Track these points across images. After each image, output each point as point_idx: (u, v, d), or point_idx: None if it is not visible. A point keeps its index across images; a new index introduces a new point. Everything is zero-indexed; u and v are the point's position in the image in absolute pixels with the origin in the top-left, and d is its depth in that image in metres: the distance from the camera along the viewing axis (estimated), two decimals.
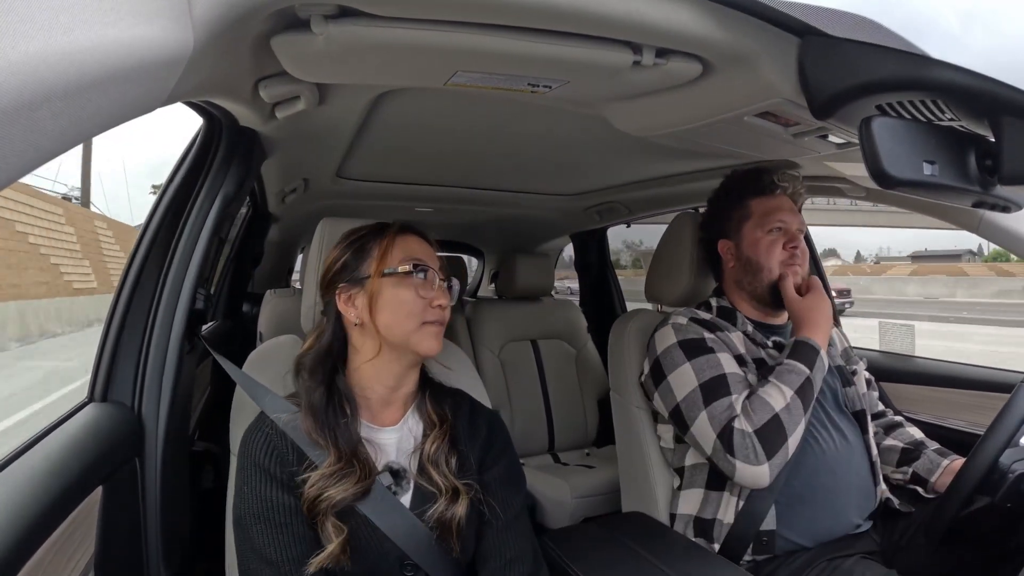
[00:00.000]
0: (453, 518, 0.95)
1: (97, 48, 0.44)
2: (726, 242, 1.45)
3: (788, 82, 0.86)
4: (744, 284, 1.42)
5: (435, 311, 0.99)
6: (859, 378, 1.47)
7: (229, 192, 1.19)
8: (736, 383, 1.27)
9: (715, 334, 1.36)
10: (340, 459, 0.92)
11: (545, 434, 2.64)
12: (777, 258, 1.37)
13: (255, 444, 0.95)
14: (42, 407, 6.30)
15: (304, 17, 0.77)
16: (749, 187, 1.42)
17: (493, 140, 1.63)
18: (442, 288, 1.01)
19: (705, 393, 1.27)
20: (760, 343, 1.38)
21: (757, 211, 1.40)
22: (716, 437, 1.22)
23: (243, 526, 0.91)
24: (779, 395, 1.21)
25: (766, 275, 1.38)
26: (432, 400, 1.06)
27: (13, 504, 0.71)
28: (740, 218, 1.42)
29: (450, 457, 1.00)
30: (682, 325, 1.38)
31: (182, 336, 1.12)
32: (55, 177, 15.77)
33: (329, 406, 0.96)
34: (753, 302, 1.44)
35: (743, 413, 1.22)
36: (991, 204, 0.84)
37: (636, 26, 0.78)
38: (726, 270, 1.47)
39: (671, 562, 1.18)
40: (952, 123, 0.82)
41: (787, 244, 1.38)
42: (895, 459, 1.46)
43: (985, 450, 1.06)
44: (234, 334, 2.63)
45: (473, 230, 3.48)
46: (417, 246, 1.02)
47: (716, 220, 1.48)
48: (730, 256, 1.44)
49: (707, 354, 1.31)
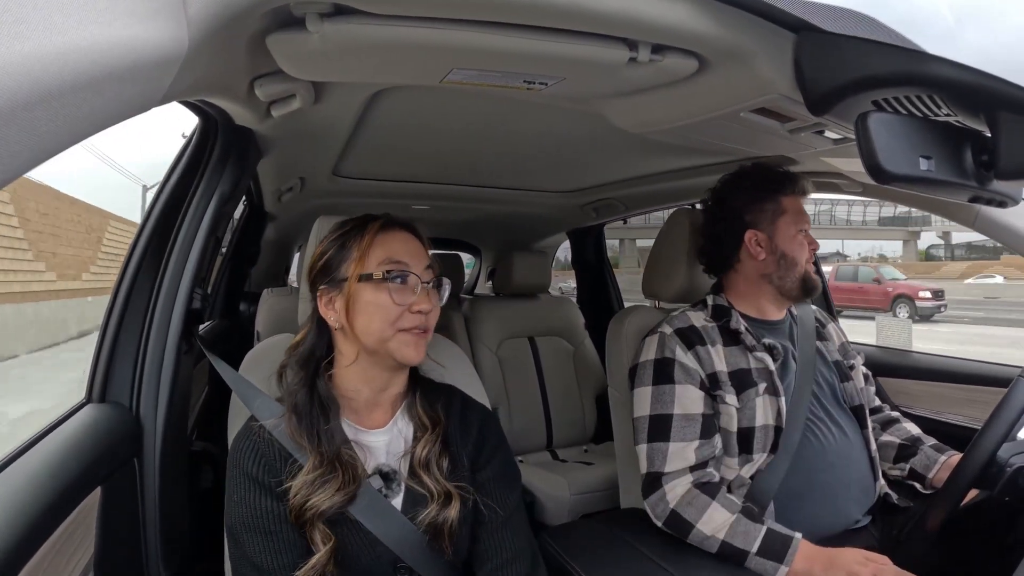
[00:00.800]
0: (445, 522, 0.94)
1: (92, 48, 0.44)
2: (757, 233, 1.42)
3: (784, 78, 0.86)
4: (773, 278, 1.41)
5: (414, 317, 0.94)
6: (856, 372, 1.48)
7: (225, 191, 1.19)
8: (680, 429, 1.30)
9: (695, 349, 1.36)
10: (322, 463, 0.90)
11: (543, 431, 2.65)
12: (805, 256, 1.41)
13: (243, 452, 0.94)
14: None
15: (299, 15, 0.77)
16: (785, 185, 1.41)
17: (489, 137, 1.62)
18: (425, 292, 0.96)
19: (650, 427, 1.34)
20: (749, 346, 1.37)
21: (790, 209, 1.41)
22: (644, 472, 1.33)
23: (234, 534, 0.91)
24: (716, 524, 1.21)
25: (798, 270, 1.40)
26: (423, 401, 1.03)
27: (12, 505, 0.71)
28: (775, 212, 1.41)
29: (441, 460, 0.98)
30: (666, 337, 1.39)
31: (179, 336, 1.12)
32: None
33: (312, 409, 0.94)
34: (775, 296, 1.43)
35: (681, 490, 1.25)
36: (987, 199, 0.84)
37: (632, 22, 0.77)
38: (751, 262, 1.43)
39: (670, 558, 1.18)
40: (948, 118, 0.82)
41: (810, 245, 1.42)
42: (892, 455, 1.46)
43: (983, 444, 1.06)
44: (231, 333, 2.63)
45: (470, 227, 3.48)
46: (400, 244, 0.98)
47: (745, 210, 1.44)
48: (760, 248, 1.41)
49: (667, 384, 1.34)
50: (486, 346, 2.64)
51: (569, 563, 1.19)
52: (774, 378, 1.33)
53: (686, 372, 1.34)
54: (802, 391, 1.35)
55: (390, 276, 0.94)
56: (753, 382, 1.33)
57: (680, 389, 1.33)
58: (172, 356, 1.10)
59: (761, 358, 1.35)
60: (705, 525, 1.21)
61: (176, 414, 1.12)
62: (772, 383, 1.33)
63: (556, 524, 2.04)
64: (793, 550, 1.15)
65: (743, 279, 1.46)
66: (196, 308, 1.20)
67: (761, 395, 1.31)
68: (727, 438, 1.31)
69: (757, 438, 1.29)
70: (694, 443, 1.29)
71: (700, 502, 1.23)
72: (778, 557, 1.15)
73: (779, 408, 1.31)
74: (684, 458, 1.28)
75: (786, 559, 1.14)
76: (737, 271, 1.47)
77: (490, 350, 2.64)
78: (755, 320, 1.43)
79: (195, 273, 1.14)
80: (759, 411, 1.30)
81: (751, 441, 1.30)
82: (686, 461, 1.28)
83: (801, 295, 1.42)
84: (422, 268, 0.97)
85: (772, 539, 1.17)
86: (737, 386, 1.33)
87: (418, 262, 0.97)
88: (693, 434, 1.30)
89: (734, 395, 1.32)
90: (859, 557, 1.11)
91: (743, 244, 1.43)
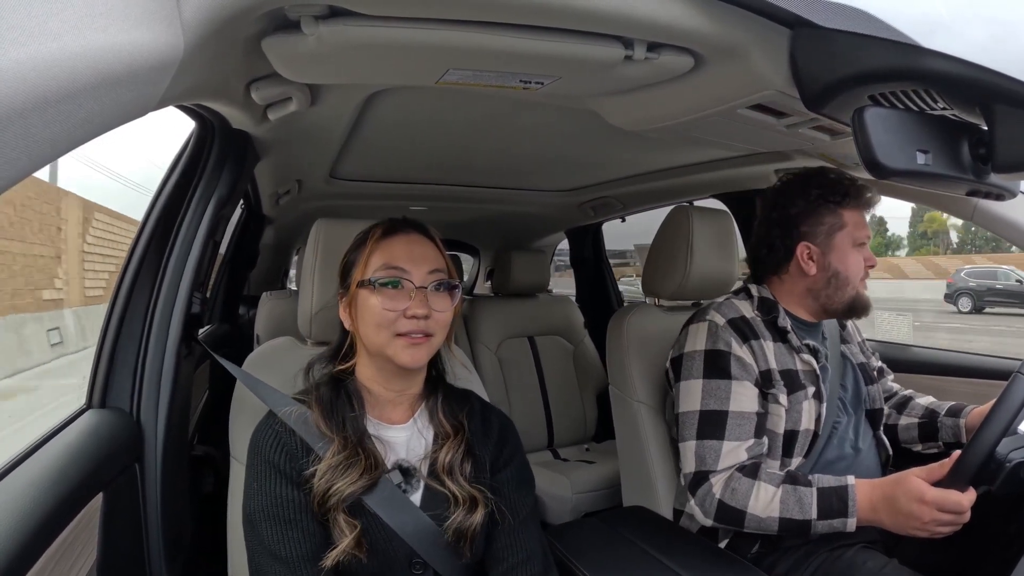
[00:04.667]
0: (471, 526, 0.95)
1: (87, 53, 0.44)
2: (811, 247, 1.33)
3: (780, 74, 0.86)
4: (821, 296, 1.34)
5: (409, 322, 0.94)
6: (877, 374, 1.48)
7: (223, 195, 1.19)
8: (735, 427, 1.25)
9: (750, 343, 1.30)
10: (346, 446, 0.92)
11: (544, 430, 2.65)
12: (860, 275, 1.33)
13: (265, 441, 0.95)
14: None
15: (294, 18, 0.77)
16: (851, 197, 1.32)
17: (486, 137, 1.62)
18: (423, 296, 0.95)
19: (701, 423, 1.27)
20: (796, 347, 1.32)
21: (850, 223, 1.32)
22: (692, 471, 1.26)
23: (253, 523, 0.91)
24: (765, 502, 1.18)
25: (849, 291, 1.32)
26: (446, 408, 1.05)
27: (14, 512, 0.71)
28: (833, 226, 1.32)
29: (464, 464, 1.00)
30: (718, 327, 1.32)
31: (179, 340, 1.12)
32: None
33: (337, 399, 0.98)
34: (817, 310, 1.37)
35: (725, 478, 1.22)
36: (985, 192, 0.84)
37: (626, 20, 0.77)
38: (800, 275, 1.35)
39: (673, 556, 1.18)
40: (945, 112, 0.82)
41: (867, 262, 1.34)
42: (916, 435, 1.46)
43: (983, 439, 1.06)
44: (231, 337, 2.63)
45: (468, 228, 3.48)
46: (401, 248, 0.98)
47: (800, 219, 1.34)
48: (812, 263, 1.33)
49: (723, 379, 1.28)
50: (486, 346, 2.64)
51: (573, 562, 1.19)
52: (820, 382, 1.30)
53: (743, 367, 1.28)
54: (832, 397, 1.34)
55: (383, 282, 0.96)
56: (802, 384, 1.29)
57: (736, 386, 1.27)
58: (172, 361, 1.10)
59: (807, 360, 1.31)
60: (756, 507, 1.17)
61: (177, 419, 1.12)
62: (819, 387, 1.29)
63: (558, 523, 2.04)
64: (852, 500, 1.12)
65: (788, 288, 1.39)
66: (195, 312, 1.20)
67: (809, 399, 1.28)
68: (772, 440, 1.27)
69: (799, 442, 1.27)
70: (748, 442, 1.24)
71: (744, 485, 1.19)
72: (841, 512, 1.13)
73: (820, 413, 1.28)
74: (737, 456, 1.24)
75: (849, 510, 1.12)
76: (783, 280, 1.40)
77: (490, 350, 2.64)
78: (797, 320, 1.38)
79: (194, 277, 1.14)
80: (804, 415, 1.27)
81: (793, 445, 1.27)
82: (739, 459, 1.24)
83: (845, 316, 1.36)
84: (424, 272, 0.97)
85: (827, 496, 1.14)
86: (788, 386, 1.28)
87: (419, 266, 0.97)
88: (748, 433, 1.25)
89: (785, 395, 1.28)
90: (915, 495, 1.07)
91: (795, 256, 1.35)
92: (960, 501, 1.04)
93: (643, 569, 1.17)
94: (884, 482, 1.13)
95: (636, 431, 1.53)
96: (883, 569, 1.14)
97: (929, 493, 1.06)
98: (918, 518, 1.06)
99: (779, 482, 1.18)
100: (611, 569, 1.18)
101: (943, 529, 1.06)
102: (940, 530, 1.06)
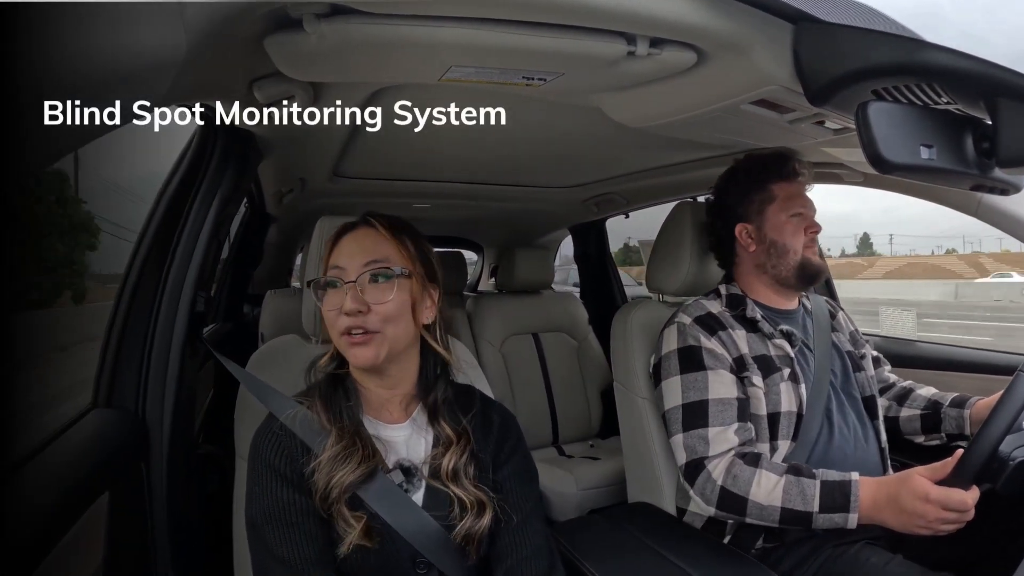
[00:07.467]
0: (480, 530, 0.95)
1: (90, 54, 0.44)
2: (746, 225, 1.42)
3: (783, 69, 0.86)
4: (767, 267, 1.40)
5: (346, 319, 0.93)
6: (867, 362, 1.47)
7: (226, 194, 1.19)
8: (718, 413, 1.27)
9: (718, 335, 1.34)
10: (343, 436, 0.92)
11: (549, 427, 2.65)
12: (801, 241, 1.38)
13: (265, 445, 0.95)
14: None
15: (296, 16, 0.77)
16: (772, 171, 1.40)
17: (489, 134, 1.62)
18: (356, 291, 0.93)
19: (685, 416, 1.30)
20: (767, 333, 1.36)
21: (780, 195, 1.39)
22: (684, 462, 1.27)
23: (256, 527, 0.91)
24: (767, 489, 1.18)
25: (792, 257, 1.37)
26: (447, 411, 1.02)
27: (21, 511, 0.71)
28: (762, 201, 1.40)
29: (468, 467, 0.98)
30: (685, 326, 1.37)
31: (184, 339, 1.12)
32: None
33: (335, 393, 0.98)
34: (775, 286, 1.42)
35: (724, 465, 1.22)
36: (989, 187, 0.84)
37: (629, 16, 0.77)
38: (745, 254, 1.44)
39: (678, 552, 1.18)
40: (949, 106, 0.82)
41: (808, 229, 1.39)
42: (918, 427, 1.46)
43: (986, 437, 1.05)
44: (235, 336, 2.63)
45: (471, 225, 3.47)
46: (345, 247, 0.98)
47: (734, 203, 1.44)
48: (751, 239, 1.41)
49: (697, 371, 1.31)
50: (490, 343, 2.64)
51: (578, 559, 1.19)
52: (795, 364, 1.33)
53: (715, 357, 1.32)
54: (821, 382, 1.35)
55: (321, 283, 0.97)
56: (777, 367, 1.31)
57: (712, 375, 1.30)
58: (177, 360, 1.11)
59: (780, 345, 1.35)
60: (758, 494, 1.18)
61: (182, 417, 1.12)
62: (794, 369, 1.32)
63: (563, 520, 2.04)
64: (855, 496, 1.13)
65: (744, 272, 1.46)
66: (200, 311, 1.20)
67: (785, 380, 1.31)
68: (757, 423, 1.30)
69: (782, 424, 1.29)
70: (733, 426, 1.27)
71: (746, 472, 1.20)
72: (843, 507, 1.13)
73: (801, 395, 1.30)
74: (727, 440, 1.25)
75: (851, 506, 1.13)
76: (738, 264, 1.47)
77: (494, 347, 2.64)
78: (769, 309, 1.42)
79: (198, 276, 1.15)
80: (783, 396, 1.30)
81: (777, 427, 1.29)
82: (729, 443, 1.25)
83: (799, 283, 1.40)
84: (358, 265, 0.95)
85: (830, 490, 1.14)
86: (763, 370, 1.32)
87: (355, 260, 0.95)
88: (731, 418, 1.27)
89: (760, 378, 1.31)
90: (919, 493, 1.07)
91: (736, 239, 1.44)
92: (964, 499, 1.04)
93: (649, 565, 1.17)
94: (888, 481, 1.14)
95: (641, 427, 1.53)
96: (887, 565, 1.14)
97: (933, 492, 1.06)
98: (922, 516, 1.07)
99: (782, 472, 1.19)
100: (616, 566, 1.18)
101: (947, 527, 1.07)
102: (944, 528, 1.07)
